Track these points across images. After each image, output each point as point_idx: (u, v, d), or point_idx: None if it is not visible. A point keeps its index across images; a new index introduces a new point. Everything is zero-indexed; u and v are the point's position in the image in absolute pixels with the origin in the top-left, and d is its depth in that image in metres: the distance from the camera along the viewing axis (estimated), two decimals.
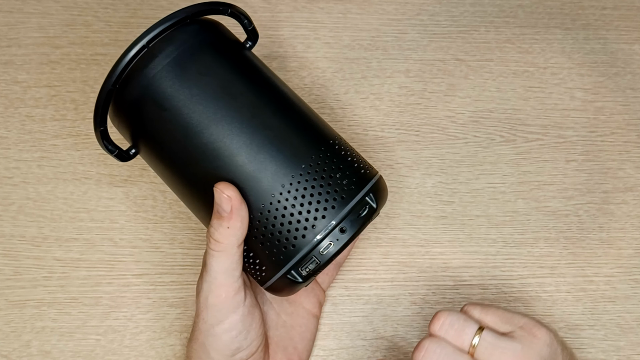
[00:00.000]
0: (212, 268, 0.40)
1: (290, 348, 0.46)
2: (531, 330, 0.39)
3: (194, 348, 0.42)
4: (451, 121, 0.56)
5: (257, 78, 0.41)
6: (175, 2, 0.59)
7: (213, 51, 0.40)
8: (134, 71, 0.39)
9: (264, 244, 0.39)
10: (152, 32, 0.38)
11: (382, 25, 0.59)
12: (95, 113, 0.40)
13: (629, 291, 0.52)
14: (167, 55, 0.39)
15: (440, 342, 0.38)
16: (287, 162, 0.38)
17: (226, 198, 0.38)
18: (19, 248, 0.52)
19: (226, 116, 0.38)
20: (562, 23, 0.60)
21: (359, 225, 0.39)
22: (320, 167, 0.38)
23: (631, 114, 0.57)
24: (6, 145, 0.54)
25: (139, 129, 0.40)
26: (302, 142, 0.39)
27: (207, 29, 0.41)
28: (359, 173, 0.40)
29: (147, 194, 0.53)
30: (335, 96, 0.56)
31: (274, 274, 0.39)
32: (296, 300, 0.48)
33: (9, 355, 0.49)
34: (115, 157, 0.42)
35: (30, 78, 0.56)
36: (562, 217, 0.54)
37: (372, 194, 0.39)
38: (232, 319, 0.40)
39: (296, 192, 0.38)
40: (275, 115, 0.39)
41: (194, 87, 0.39)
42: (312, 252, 0.38)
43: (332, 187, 0.38)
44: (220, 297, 0.40)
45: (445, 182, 0.54)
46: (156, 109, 0.39)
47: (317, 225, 0.38)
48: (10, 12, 0.58)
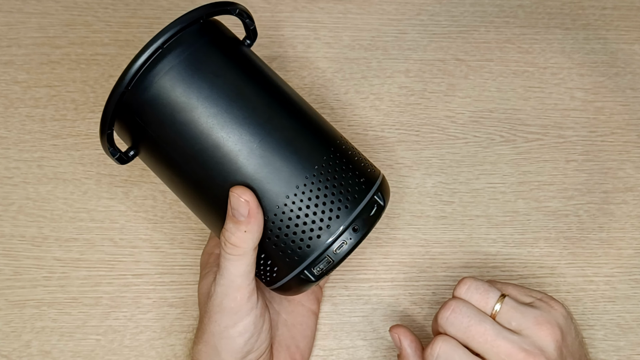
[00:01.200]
0: (229, 272, 0.39)
1: (292, 346, 0.46)
2: (549, 302, 0.41)
3: (202, 351, 0.42)
4: (451, 121, 0.56)
5: (265, 79, 0.41)
6: (176, 2, 0.59)
7: (221, 51, 0.40)
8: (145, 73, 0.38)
9: (278, 245, 0.39)
10: (167, 33, 0.38)
11: (382, 25, 0.59)
12: (104, 117, 0.39)
13: (629, 291, 0.52)
14: (177, 56, 0.38)
15: (466, 303, 0.40)
16: (301, 164, 0.38)
17: (244, 202, 0.37)
18: (19, 248, 0.52)
19: (240, 118, 0.38)
20: (562, 23, 0.60)
21: (370, 223, 0.39)
22: (332, 168, 0.39)
23: (631, 114, 0.57)
24: (6, 145, 0.54)
25: (143, 131, 0.40)
26: (314, 143, 0.39)
27: (212, 28, 0.40)
28: (367, 172, 0.40)
29: (147, 194, 0.53)
30: (335, 96, 0.56)
31: (286, 275, 0.39)
32: (295, 299, 0.48)
33: (9, 355, 0.49)
34: (116, 160, 0.41)
35: (30, 78, 0.56)
36: (562, 217, 0.54)
37: (380, 192, 0.40)
38: (246, 321, 0.40)
39: (310, 194, 0.38)
40: (287, 118, 0.39)
41: (206, 89, 0.38)
42: (326, 252, 0.38)
43: (344, 187, 0.38)
44: (236, 300, 0.40)
45: (445, 182, 0.54)
46: (166, 111, 0.38)
47: (332, 225, 0.38)
48: (10, 12, 0.58)
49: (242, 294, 0.40)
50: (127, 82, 0.38)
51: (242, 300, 0.40)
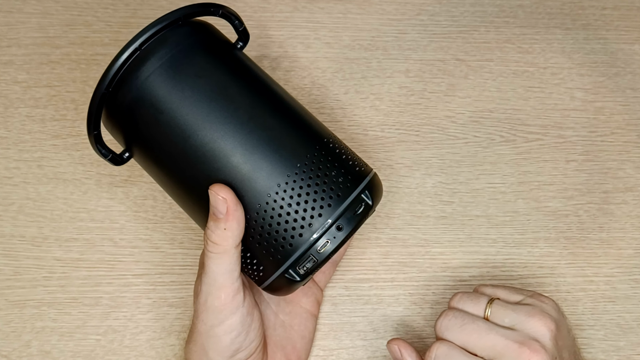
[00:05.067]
0: (211, 270, 0.39)
1: (289, 347, 0.46)
2: (539, 297, 0.43)
3: (192, 350, 0.42)
4: (451, 121, 0.56)
5: (250, 79, 0.41)
6: (176, 2, 0.59)
7: (206, 53, 0.40)
8: (127, 74, 0.39)
9: (261, 243, 0.39)
10: (144, 35, 0.38)
11: (382, 25, 0.59)
12: (89, 118, 0.39)
13: (629, 291, 0.52)
14: (160, 57, 0.39)
15: (460, 310, 0.42)
16: (283, 161, 0.38)
17: (221, 200, 0.38)
18: (19, 248, 0.52)
19: (221, 118, 0.38)
20: (562, 23, 0.60)
21: (355, 222, 0.39)
22: (316, 166, 0.38)
23: (631, 114, 0.57)
24: (6, 145, 0.54)
25: (132, 132, 0.40)
26: (297, 141, 0.39)
27: (199, 30, 0.41)
28: (354, 171, 0.40)
29: (147, 194, 0.53)
30: (335, 96, 0.56)
31: (271, 274, 0.39)
32: (294, 300, 0.48)
33: (9, 355, 0.49)
34: (109, 161, 0.42)
35: (30, 78, 0.56)
36: (562, 217, 0.54)
37: (367, 191, 0.39)
38: (232, 320, 0.40)
39: (292, 192, 0.38)
40: (270, 116, 0.39)
41: (188, 90, 0.39)
42: (309, 250, 0.38)
43: (327, 186, 0.38)
44: (220, 298, 0.40)
45: (445, 182, 0.54)
46: (150, 112, 0.39)
47: (314, 223, 0.38)
48: (10, 12, 0.58)
49: (226, 293, 0.40)
50: (107, 82, 0.38)
51: (227, 299, 0.40)
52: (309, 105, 0.56)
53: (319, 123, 0.42)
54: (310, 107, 0.56)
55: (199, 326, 0.41)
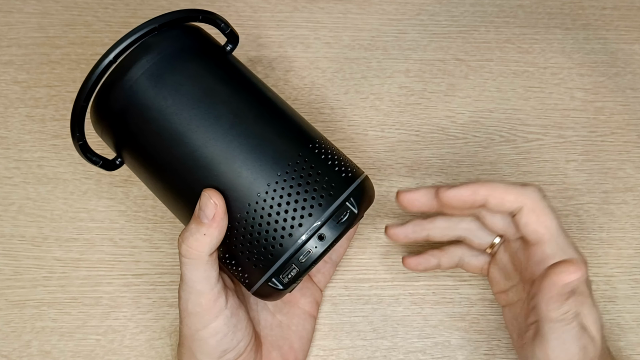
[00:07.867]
0: (187, 277, 0.39)
1: (285, 347, 0.46)
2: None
3: (182, 353, 0.42)
4: (451, 121, 0.56)
5: (234, 85, 0.40)
6: (175, 2, 0.59)
7: (191, 59, 0.39)
8: (111, 82, 0.39)
9: (244, 252, 0.38)
10: (119, 47, 0.37)
11: (382, 25, 0.59)
12: (72, 129, 0.39)
13: (629, 291, 0.52)
14: (143, 65, 0.38)
15: None
16: (264, 170, 0.38)
17: (212, 204, 0.37)
18: (19, 248, 0.52)
19: (202, 127, 0.38)
20: (562, 23, 0.60)
21: (339, 231, 0.38)
22: (297, 175, 0.38)
23: (631, 114, 0.57)
24: (6, 145, 0.54)
25: (120, 139, 0.40)
26: (279, 149, 0.38)
27: (185, 35, 0.40)
28: (339, 178, 0.39)
29: (147, 194, 0.53)
30: (335, 96, 0.56)
31: (256, 281, 0.39)
32: (292, 300, 0.48)
33: (9, 355, 0.49)
34: (101, 167, 0.42)
35: (30, 78, 0.56)
36: (562, 217, 0.53)
37: (352, 198, 0.39)
38: (216, 323, 0.40)
39: (272, 201, 0.37)
40: (252, 124, 0.39)
41: (170, 98, 0.38)
42: (291, 259, 0.38)
43: (309, 195, 0.38)
44: (200, 305, 0.39)
45: (445, 182, 0.54)
46: (133, 119, 0.39)
47: (294, 233, 0.37)
48: (10, 12, 0.58)
49: (206, 299, 0.39)
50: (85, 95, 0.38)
51: (208, 305, 0.39)
52: (309, 105, 0.56)
53: (305, 127, 0.41)
54: (310, 107, 0.56)
55: (184, 330, 0.41)
